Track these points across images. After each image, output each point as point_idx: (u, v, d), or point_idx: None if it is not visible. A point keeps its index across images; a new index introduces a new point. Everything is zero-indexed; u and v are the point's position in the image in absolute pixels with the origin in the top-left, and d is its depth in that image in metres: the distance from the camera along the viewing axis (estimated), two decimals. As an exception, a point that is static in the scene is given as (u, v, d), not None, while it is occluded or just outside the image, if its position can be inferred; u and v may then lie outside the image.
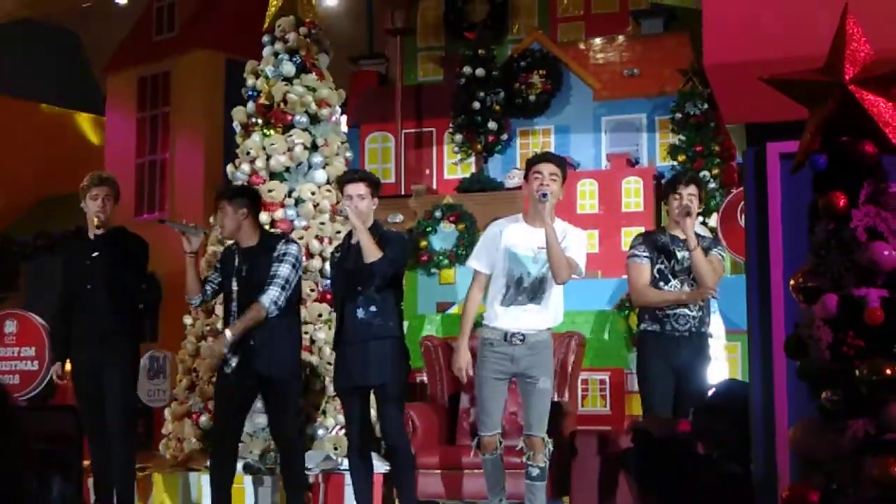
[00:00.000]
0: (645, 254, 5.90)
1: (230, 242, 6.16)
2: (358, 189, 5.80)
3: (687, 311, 5.81)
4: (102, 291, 6.06)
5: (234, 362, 5.81)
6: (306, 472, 6.80)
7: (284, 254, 5.87)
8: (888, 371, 2.65)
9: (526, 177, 5.68)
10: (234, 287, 5.87)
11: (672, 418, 5.18)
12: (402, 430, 5.89)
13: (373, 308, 5.69)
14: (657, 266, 5.89)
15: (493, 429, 5.70)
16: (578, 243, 5.66)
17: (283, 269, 5.81)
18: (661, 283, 5.85)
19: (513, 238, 5.67)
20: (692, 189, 5.86)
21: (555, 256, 5.46)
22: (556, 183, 5.58)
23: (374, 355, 5.68)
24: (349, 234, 5.99)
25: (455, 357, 5.79)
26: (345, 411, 5.96)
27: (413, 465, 5.95)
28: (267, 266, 5.84)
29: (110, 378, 6.02)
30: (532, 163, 5.68)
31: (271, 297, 5.74)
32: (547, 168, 5.57)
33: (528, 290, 5.63)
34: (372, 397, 5.92)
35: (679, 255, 5.86)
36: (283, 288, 5.78)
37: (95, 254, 6.15)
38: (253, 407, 6.35)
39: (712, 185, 8.72)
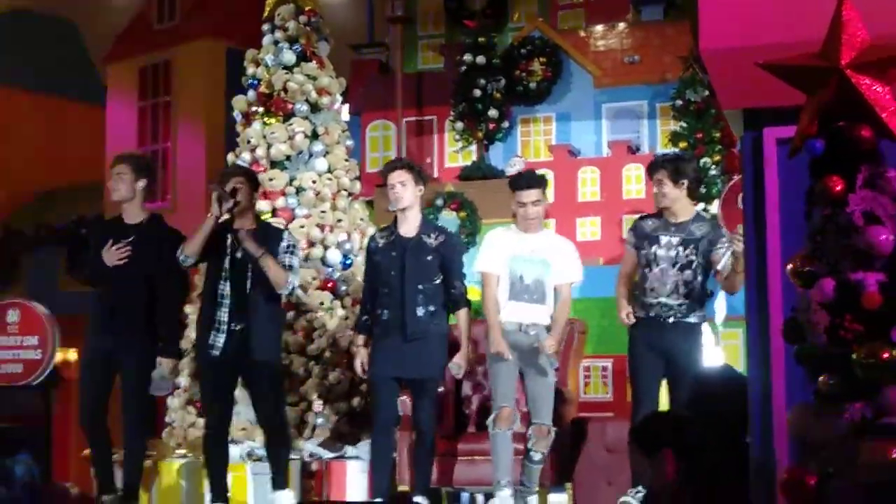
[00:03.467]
0: (631, 240, 6.00)
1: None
2: (399, 177, 5.89)
3: (667, 300, 5.82)
4: (128, 283, 6.03)
5: (219, 342, 5.81)
6: (308, 459, 6.83)
7: (294, 245, 6.03)
8: (885, 355, 2.66)
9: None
10: (226, 266, 5.87)
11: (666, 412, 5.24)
12: (434, 422, 6.07)
13: (431, 307, 5.92)
14: (643, 252, 5.90)
15: (510, 402, 5.87)
16: (572, 261, 6.10)
17: (293, 261, 5.98)
18: (646, 270, 5.88)
19: (510, 244, 6.05)
20: (659, 174, 5.91)
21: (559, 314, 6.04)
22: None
23: (431, 352, 5.92)
24: (395, 221, 6.04)
25: (493, 342, 5.96)
26: (378, 397, 6.00)
27: (434, 454, 6.09)
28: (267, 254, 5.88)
29: (127, 370, 6.02)
30: (516, 187, 6.06)
31: (294, 282, 5.96)
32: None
33: (529, 287, 5.97)
34: None
35: (663, 240, 5.85)
36: (296, 275, 6.01)
37: (126, 243, 6.07)
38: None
39: (713, 171, 8.71)
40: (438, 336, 5.96)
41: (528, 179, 6.10)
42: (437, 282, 5.96)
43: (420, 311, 5.90)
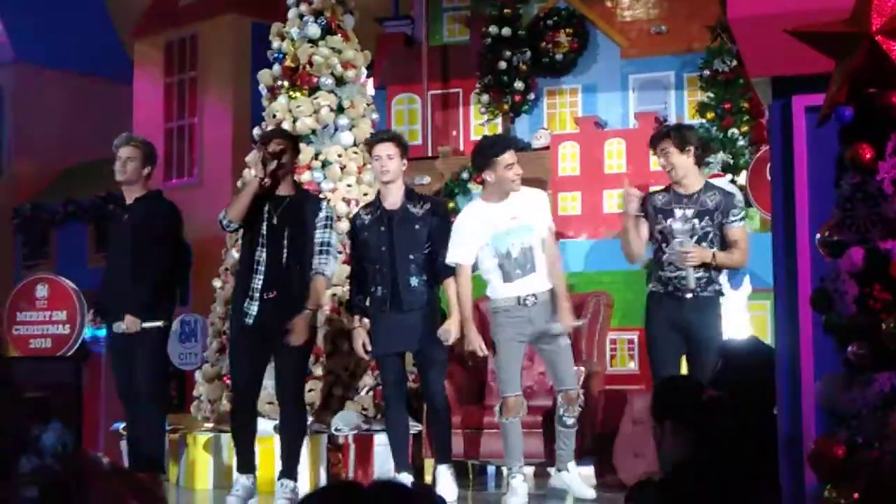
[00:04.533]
0: (640, 214, 5.87)
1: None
2: (387, 149, 5.83)
3: (685, 273, 5.71)
4: (126, 260, 6.07)
5: (253, 310, 5.77)
6: (335, 433, 6.85)
7: (331, 218, 5.91)
8: (915, 324, 2.62)
9: (483, 168, 5.79)
10: (264, 233, 5.78)
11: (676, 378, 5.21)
12: (444, 392, 6.01)
13: (424, 276, 5.83)
14: (658, 227, 5.80)
15: (516, 389, 5.77)
16: (545, 209, 5.91)
17: (331, 237, 5.85)
18: (663, 245, 5.79)
19: (483, 220, 5.79)
20: (663, 144, 5.80)
21: (550, 269, 5.80)
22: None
23: (427, 322, 5.84)
24: (378, 195, 6.02)
25: (468, 340, 5.88)
26: (386, 373, 5.98)
27: (450, 424, 6.07)
28: (303, 222, 5.79)
29: (137, 346, 6.04)
30: (494, 153, 5.75)
31: (331, 268, 5.83)
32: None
33: (519, 260, 5.75)
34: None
35: (678, 213, 5.75)
36: (333, 256, 5.86)
37: (125, 220, 6.17)
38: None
39: (741, 142, 8.64)
40: (437, 305, 5.90)
41: (505, 141, 5.91)
42: (428, 251, 5.87)
43: (414, 282, 5.83)
